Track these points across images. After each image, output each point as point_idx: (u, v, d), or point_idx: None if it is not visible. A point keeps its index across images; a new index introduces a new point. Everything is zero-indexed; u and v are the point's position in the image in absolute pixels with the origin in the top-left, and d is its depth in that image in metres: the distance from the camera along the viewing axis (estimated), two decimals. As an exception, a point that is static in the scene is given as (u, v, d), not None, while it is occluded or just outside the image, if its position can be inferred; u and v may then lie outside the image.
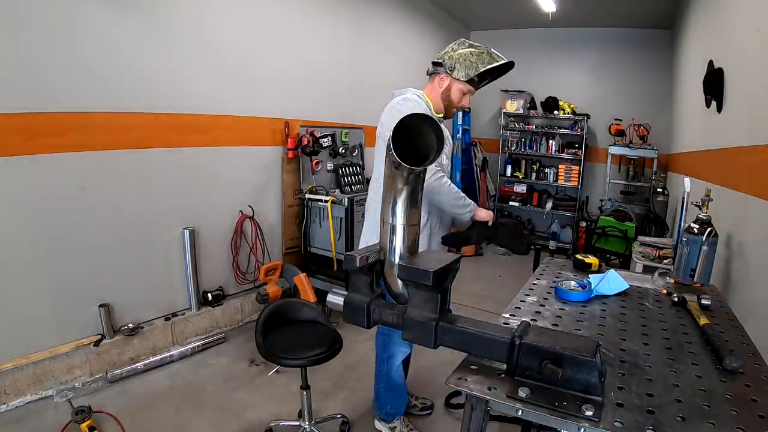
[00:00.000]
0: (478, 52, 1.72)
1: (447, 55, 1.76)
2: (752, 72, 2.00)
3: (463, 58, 1.72)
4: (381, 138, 1.83)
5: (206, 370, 2.64)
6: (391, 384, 2.05)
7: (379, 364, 2.07)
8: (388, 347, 2.01)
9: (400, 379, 2.07)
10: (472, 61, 1.72)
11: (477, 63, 1.71)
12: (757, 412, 0.86)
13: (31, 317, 2.26)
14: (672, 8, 4.65)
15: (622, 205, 5.18)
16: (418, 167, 0.96)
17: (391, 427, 2.12)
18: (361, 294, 1.08)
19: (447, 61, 1.75)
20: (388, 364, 2.03)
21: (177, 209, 2.85)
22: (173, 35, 2.69)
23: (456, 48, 1.76)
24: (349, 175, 3.83)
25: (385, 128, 1.78)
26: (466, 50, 1.73)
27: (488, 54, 1.72)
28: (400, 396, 2.10)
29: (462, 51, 1.74)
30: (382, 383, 2.07)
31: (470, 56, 1.72)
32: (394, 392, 2.07)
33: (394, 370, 2.03)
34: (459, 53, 1.73)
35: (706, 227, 1.90)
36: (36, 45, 2.12)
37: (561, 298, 1.47)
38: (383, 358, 2.04)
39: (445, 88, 1.79)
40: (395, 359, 2.02)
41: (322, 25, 3.79)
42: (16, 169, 2.11)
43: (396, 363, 2.02)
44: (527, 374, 0.92)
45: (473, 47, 1.74)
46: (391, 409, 2.10)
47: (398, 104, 1.78)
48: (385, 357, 2.03)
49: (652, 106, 5.32)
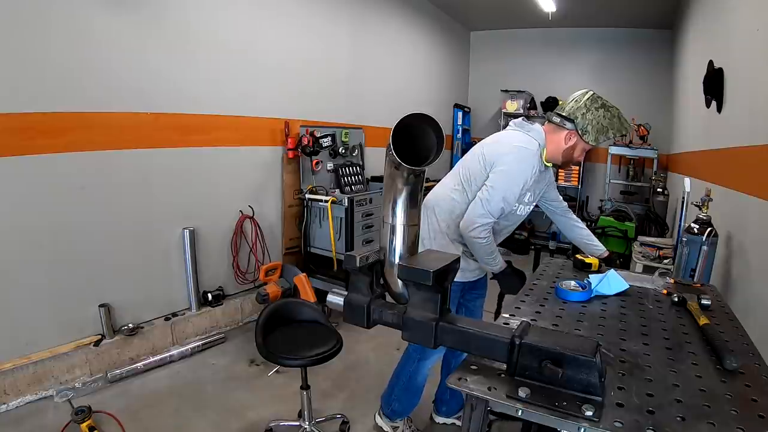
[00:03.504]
0: (610, 116, 1.66)
1: (579, 113, 1.67)
2: (752, 72, 2.00)
3: (596, 121, 1.66)
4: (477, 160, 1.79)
5: (206, 370, 2.64)
6: (411, 384, 2.01)
7: (407, 362, 2.01)
8: (425, 349, 1.93)
9: (423, 383, 2.03)
10: (604, 125, 1.66)
11: (608, 129, 1.66)
12: (757, 412, 0.86)
13: (31, 317, 2.26)
14: (672, 8, 4.65)
15: (622, 205, 5.18)
16: (418, 167, 0.96)
17: (394, 426, 2.11)
18: (361, 294, 1.08)
19: (579, 120, 1.67)
20: (417, 364, 1.97)
21: (177, 209, 2.85)
22: (173, 35, 2.69)
23: (590, 106, 1.67)
24: (349, 175, 3.83)
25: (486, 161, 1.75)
26: (600, 112, 1.66)
27: (618, 119, 1.67)
28: (414, 398, 2.06)
29: (596, 113, 1.66)
30: (402, 381, 2.02)
31: (603, 120, 1.66)
32: (410, 393, 2.03)
33: (420, 372, 1.98)
34: (593, 115, 1.66)
35: (706, 227, 1.90)
36: (36, 45, 2.12)
37: (561, 298, 1.47)
38: (414, 358, 1.98)
39: (571, 146, 1.73)
40: (428, 362, 1.96)
41: (323, 25, 3.79)
42: (16, 169, 2.11)
43: (427, 366, 1.97)
44: (527, 374, 0.92)
45: (605, 109, 1.67)
46: (398, 408, 2.07)
47: (511, 158, 1.72)
48: (417, 357, 1.97)
49: (652, 106, 5.32)
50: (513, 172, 1.70)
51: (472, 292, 2.06)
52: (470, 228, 1.70)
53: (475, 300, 2.10)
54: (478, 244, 1.72)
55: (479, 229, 1.69)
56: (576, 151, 1.75)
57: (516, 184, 1.69)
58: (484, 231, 1.70)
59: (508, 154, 1.72)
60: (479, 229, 1.69)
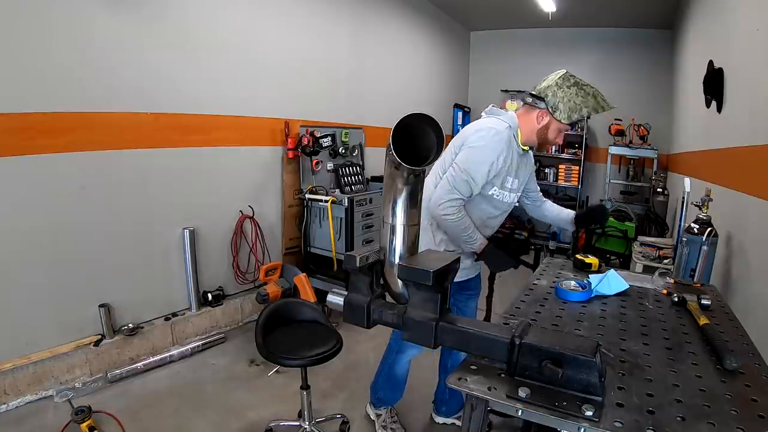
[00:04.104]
0: (584, 94, 1.61)
1: (550, 91, 1.65)
2: (752, 72, 2.00)
3: (567, 98, 1.62)
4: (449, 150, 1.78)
5: (206, 370, 2.64)
6: (392, 376, 2.09)
7: (388, 354, 2.10)
8: (403, 342, 2.01)
9: (403, 375, 2.10)
10: (576, 103, 1.61)
11: (581, 106, 1.62)
12: (757, 412, 0.86)
13: (31, 317, 2.26)
14: (672, 8, 4.65)
15: (622, 205, 5.18)
16: (418, 167, 0.96)
17: (377, 414, 2.17)
18: (361, 294, 1.08)
19: (550, 98, 1.65)
20: (396, 356, 2.06)
21: (177, 209, 2.85)
22: (173, 35, 2.69)
23: (561, 84, 1.64)
24: (349, 175, 3.83)
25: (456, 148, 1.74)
26: (572, 90, 1.62)
27: (594, 97, 1.62)
28: (396, 390, 2.15)
29: (567, 90, 1.62)
30: (384, 371, 2.11)
31: (575, 98, 1.61)
32: (392, 384, 2.12)
33: (399, 364, 2.06)
34: (564, 92, 1.63)
35: (706, 227, 1.90)
36: (36, 45, 2.12)
37: (561, 298, 1.47)
38: (394, 349, 2.07)
39: (544, 125, 1.71)
40: (404, 355, 2.04)
41: (323, 25, 3.79)
42: (16, 169, 2.11)
43: (404, 359, 2.05)
44: (527, 374, 0.92)
45: (579, 87, 1.63)
46: (382, 397, 2.16)
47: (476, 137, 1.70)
48: (396, 349, 2.06)
49: (652, 106, 5.32)
50: (478, 149, 1.68)
51: (464, 292, 2.05)
52: (437, 205, 1.69)
53: (467, 300, 2.08)
54: (449, 221, 1.69)
55: (445, 205, 1.67)
56: (550, 131, 1.71)
57: (482, 162, 1.67)
58: (451, 207, 1.67)
59: (474, 133, 1.72)
60: (445, 205, 1.67)
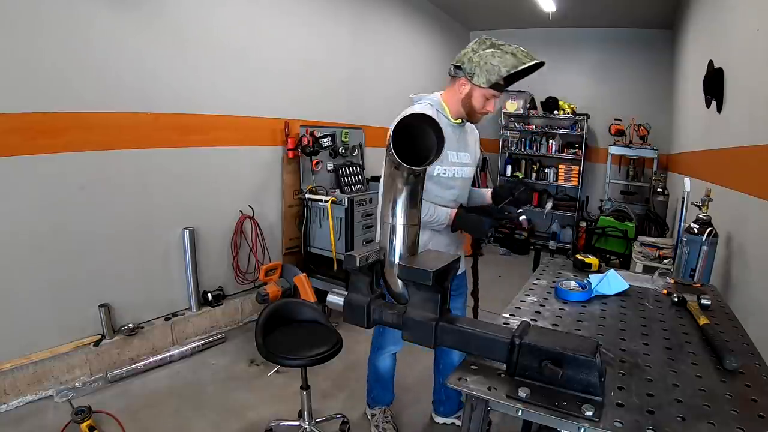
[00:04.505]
0: (501, 54, 1.50)
1: (466, 57, 1.57)
2: (752, 72, 2.00)
3: (483, 61, 1.52)
4: None
5: (206, 370, 2.64)
6: (377, 373, 2.11)
7: (370, 352, 2.12)
8: (380, 338, 2.05)
9: (387, 371, 2.11)
10: (494, 64, 1.50)
11: (499, 66, 1.50)
12: (757, 412, 0.86)
13: (31, 317, 2.26)
14: (672, 8, 4.65)
15: (622, 205, 5.18)
16: (418, 167, 0.96)
17: (372, 414, 2.18)
18: (361, 294, 1.08)
19: (467, 64, 1.56)
20: (376, 353, 2.08)
21: (177, 209, 2.85)
22: (173, 35, 2.69)
23: (477, 49, 1.55)
24: (349, 175, 3.83)
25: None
26: (488, 52, 1.52)
27: (512, 55, 1.50)
28: (385, 388, 2.16)
29: (483, 53, 1.53)
30: (371, 370, 2.14)
31: (491, 59, 1.50)
32: (380, 382, 2.14)
33: (380, 361, 2.08)
34: (479, 55, 1.53)
35: (706, 227, 1.90)
36: (36, 45, 2.12)
37: (561, 298, 1.47)
38: (375, 347, 2.09)
39: (465, 94, 1.62)
40: (383, 351, 2.05)
41: (322, 25, 3.79)
42: (16, 169, 2.11)
43: (383, 355, 2.06)
44: (527, 374, 0.92)
45: (495, 47, 1.52)
46: (375, 396, 2.18)
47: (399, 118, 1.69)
48: (376, 346, 2.08)
49: (652, 106, 5.32)
50: None
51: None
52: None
53: (454, 300, 2.00)
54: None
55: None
56: (474, 99, 1.62)
57: None
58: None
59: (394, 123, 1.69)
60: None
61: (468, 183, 1.86)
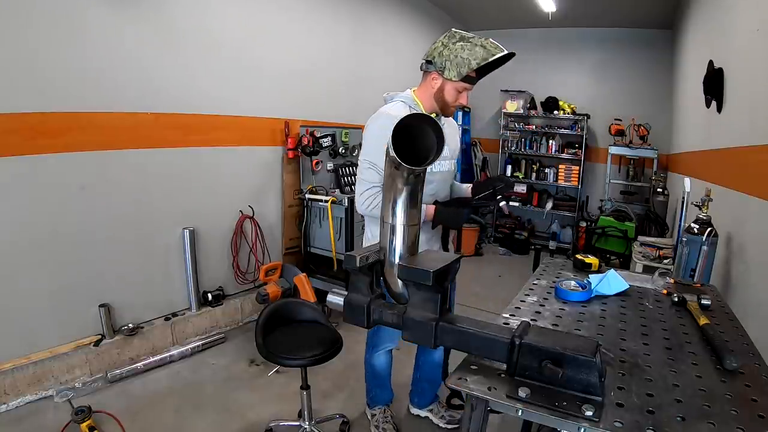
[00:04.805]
0: (471, 47, 1.51)
1: (437, 52, 1.58)
2: (752, 72, 2.00)
3: (453, 55, 1.53)
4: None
5: (206, 370, 2.64)
6: (374, 371, 2.11)
7: (366, 351, 2.13)
8: (375, 337, 2.05)
9: (383, 369, 2.11)
10: (463, 57, 1.52)
11: (469, 59, 1.51)
12: (757, 412, 0.86)
13: (31, 317, 2.26)
14: (672, 8, 4.65)
15: (622, 205, 5.18)
16: (418, 167, 0.96)
17: (372, 414, 2.17)
18: (361, 294, 1.08)
19: (437, 59, 1.57)
20: (371, 352, 2.08)
21: (177, 209, 2.85)
22: (173, 35, 2.69)
23: (446, 43, 1.56)
24: (349, 175, 3.83)
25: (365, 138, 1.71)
26: (457, 45, 1.53)
27: (482, 47, 1.51)
28: (383, 387, 2.16)
29: (452, 47, 1.54)
30: (367, 369, 2.14)
31: (461, 52, 1.52)
32: (378, 381, 2.13)
33: (375, 359, 2.08)
34: (449, 49, 1.55)
35: (706, 227, 1.90)
36: (36, 45, 2.12)
37: (561, 298, 1.47)
38: (369, 345, 2.09)
39: (437, 88, 1.63)
40: (378, 349, 2.06)
41: (322, 25, 3.79)
42: (16, 169, 2.11)
43: (378, 353, 2.06)
44: (527, 374, 0.92)
45: (464, 41, 1.53)
46: (374, 396, 2.18)
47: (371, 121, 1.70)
48: (371, 345, 2.08)
49: (652, 106, 5.32)
50: (371, 134, 1.66)
51: None
52: (359, 204, 1.69)
53: None
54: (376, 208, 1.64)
55: (362, 198, 1.67)
56: (446, 93, 1.63)
57: (374, 144, 1.63)
58: (369, 197, 1.66)
59: (367, 124, 1.71)
60: (362, 198, 1.67)
61: (448, 177, 1.84)
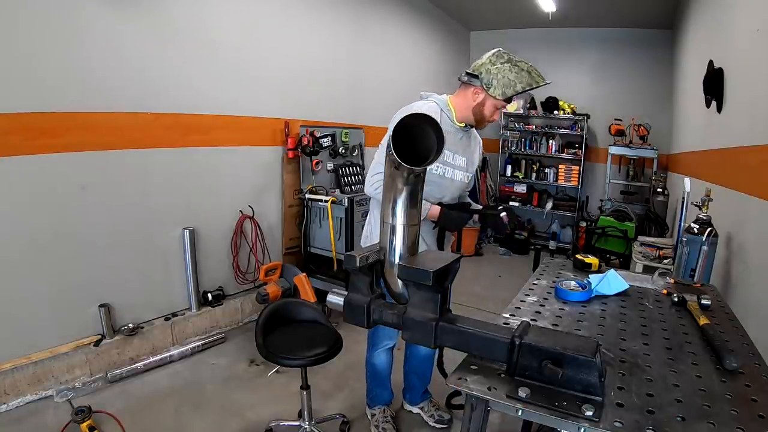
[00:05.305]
0: (518, 70, 1.61)
1: (484, 68, 1.65)
2: (752, 72, 2.00)
3: (501, 75, 1.61)
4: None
5: (206, 370, 2.64)
6: (374, 371, 2.13)
7: (367, 350, 2.14)
8: (374, 335, 2.07)
9: (383, 367, 2.12)
10: (510, 79, 1.61)
11: (516, 82, 1.61)
12: (757, 412, 0.86)
13: (31, 317, 2.26)
14: (672, 8, 4.65)
15: (622, 205, 5.18)
16: (418, 167, 0.96)
17: (372, 414, 2.18)
18: (361, 294, 1.08)
19: (484, 75, 1.64)
20: (371, 351, 2.10)
21: (177, 209, 2.85)
22: (173, 35, 2.69)
23: (494, 61, 1.64)
24: (349, 175, 3.83)
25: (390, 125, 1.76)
26: (505, 66, 1.62)
27: (528, 73, 1.61)
28: (383, 386, 2.17)
29: (500, 66, 1.62)
30: (368, 369, 2.15)
31: (509, 74, 1.61)
32: (378, 380, 2.14)
33: (376, 358, 2.10)
34: (497, 68, 1.62)
35: (706, 227, 1.90)
36: (36, 45, 2.12)
37: (561, 298, 1.47)
38: (369, 345, 2.11)
39: (479, 102, 1.70)
40: (378, 347, 2.07)
41: (322, 25, 3.79)
42: (16, 169, 2.11)
43: (378, 350, 2.08)
44: (527, 374, 0.92)
45: (512, 63, 1.62)
46: (374, 396, 2.19)
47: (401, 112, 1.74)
48: (370, 344, 2.10)
49: (652, 106, 5.32)
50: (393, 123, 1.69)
51: None
52: (369, 185, 1.75)
53: None
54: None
55: (373, 180, 1.73)
56: (486, 108, 1.71)
57: None
58: (379, 180, 1.68)
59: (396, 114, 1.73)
60: (373, 180, 1.73)
61: (457, 187, 1.86)
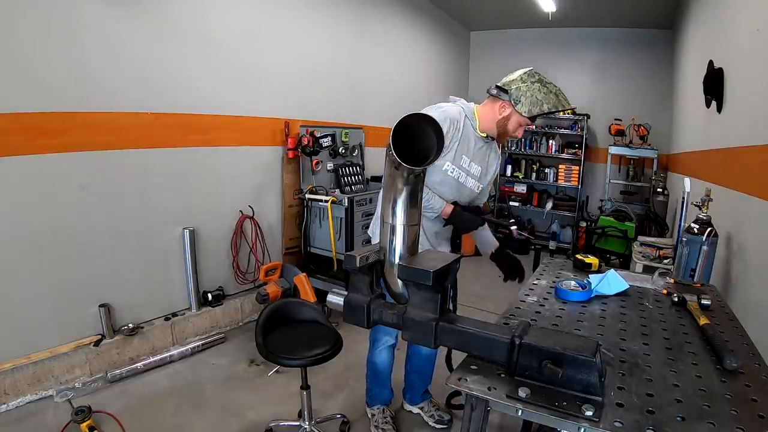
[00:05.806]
0: (546, 92, 1.67)
1: (514, 85, 1.70)
2: (752, 72, 2.00)
3: (530, 93, 1.67)
4: None
5: (206, 370, 2.64)
6: (375, 370, 2.13)
7: (369, 350, 2.15)
8: (374, 333, 2.08)
9: (384, 366, 2.12)
10: (538, 98, 1.66)
11: (543, 102, 1.66)
12: (757, 412, 0.86)
13: (31, 317, 2.26)
14: (672, 8, 4.65)
15: (622, 205, 5.18)
16: (417, 167, 0.96)
17: (371, 413, 2.18)
18: (361, 294, 1.08)
19: (513, 91, 1.69)
20: (372, 350, 2.11)
21: (177, 209, 2.85)
22: (174, 35, 2.69)
23: (525, 79, 1.69)
24: (349, 175, 3.83)
25: None
26: (535, 86, 1.67)
27: (555, 95, 1.67)
28: (383, 386, 2.17)
29: (531, 85, 1.68)
30: (369, 368, 2.16)
31: (538, 93, 1.67)
32: (378, 379, 2.14)
33: (377, 356, 2.10)
34: (527, 86, 1.68)
35: (706, 227, 1.90)
36: (36, 45, 2.12)
37: (561, 298, 1.47)
38: (371, 342, 2.12)
39: (504, 116, 1.74)
40: (378, 344, 2.08)
41: (323, 25, 3.79)
42: (16, 169, 2.11)
43: (379, 348, 2.08)
44: (527, 374, 0.92)
45: (542, 84, 1.68)
46: (374, 395, 2.19)
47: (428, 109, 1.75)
48: (372, 341, 2.11)
49: (652, 106, 5.32)
50: None
51: None
52: None
53: None
54: None
55: None
56: (510, 123, 1.75)
57: None
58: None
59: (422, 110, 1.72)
60: None
61: (467, 194, 1.88)
